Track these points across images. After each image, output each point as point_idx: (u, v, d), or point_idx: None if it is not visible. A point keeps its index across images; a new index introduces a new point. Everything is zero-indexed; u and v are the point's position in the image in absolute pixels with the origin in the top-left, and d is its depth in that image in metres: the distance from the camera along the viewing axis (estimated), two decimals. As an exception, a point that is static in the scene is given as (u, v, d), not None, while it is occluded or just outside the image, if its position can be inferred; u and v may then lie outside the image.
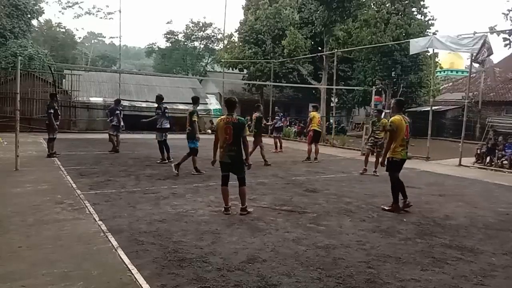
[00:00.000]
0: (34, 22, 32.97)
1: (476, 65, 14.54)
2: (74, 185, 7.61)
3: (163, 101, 11.32)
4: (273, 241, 4.79)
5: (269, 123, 16.60)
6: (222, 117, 6.09)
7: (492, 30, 10.62)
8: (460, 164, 13.14)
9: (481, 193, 8.74)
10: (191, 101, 9.93)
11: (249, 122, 13.12)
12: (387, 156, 6.54)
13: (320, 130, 13.10)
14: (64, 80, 23.82)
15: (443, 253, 4.62)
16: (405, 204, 6.56)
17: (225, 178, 6.12)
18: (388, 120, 7.47)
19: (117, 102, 13.67)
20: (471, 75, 18.86)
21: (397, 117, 6.50)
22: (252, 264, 4.07)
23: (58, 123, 11.81)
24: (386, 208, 6.56)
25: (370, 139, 10.94)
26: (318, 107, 14.59)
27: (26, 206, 6.03)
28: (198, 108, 9.78)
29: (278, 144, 15.07)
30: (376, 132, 10.57)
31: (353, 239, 4.99)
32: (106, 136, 16.62)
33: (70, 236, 4.77)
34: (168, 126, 11.36)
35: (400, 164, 6.59)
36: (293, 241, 4.83)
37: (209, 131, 22.11)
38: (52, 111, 11.72)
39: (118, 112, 13.10)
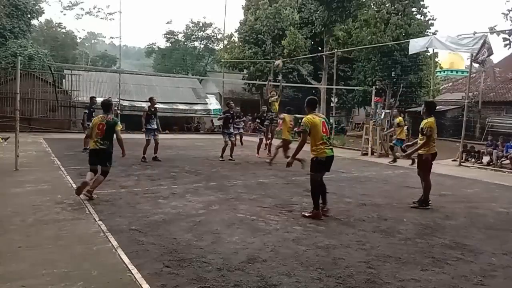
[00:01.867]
0: (34, 22, 32.98)
1: (476, 65, 14.53)
2: (74, 185, 7.60)
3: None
4: (273, 241, 4.79)
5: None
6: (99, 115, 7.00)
7: (492, 30, 10.62)
8: (460, 164, 13.15)
9: (481, 193, 8.74)
10: (191, 101, 10.02)
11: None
12: (311, 157, 6.02)
13: (289, 140, 11.07)
14: (64, 80, 23.83)
15: (443, 253, 4.62)
16: (322, 210, 6.08)
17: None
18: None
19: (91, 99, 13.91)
20: (471, 75, 18.85)
21: (308, 117, 6.10)
22: (252, 264, 4.07)
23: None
24: (307, 214, 5.99)
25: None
26: (291, 110, 12.88)
27: (26, 206, 6.03)
28: (198, 108, 9.86)
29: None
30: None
31: (353, 239, 4.99)
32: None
33: (70, 236, 4.77)
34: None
35: (325, 163, 6.03)
36: (293, 241, 4.83)
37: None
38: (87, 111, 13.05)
39: (87, 111, 13.29)
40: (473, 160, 13.71)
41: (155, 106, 11.44)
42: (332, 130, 19.96)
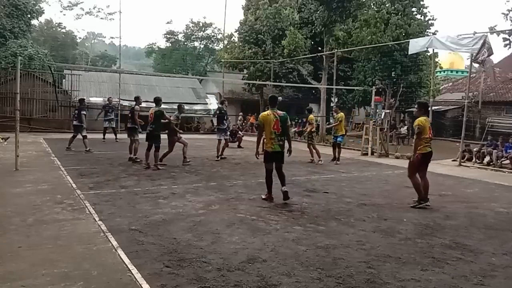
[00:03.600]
0: (34, 22, 33.01)
1: (476, 65, 14.51)
2: (74, 185, 7.61)
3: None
4: (273, 241, 4.79)
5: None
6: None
7: (492, 30, 10.64)
8: (460, 164, 13.15)
9: (481, 193, 8.74)
10: (191, 101, 10.35)
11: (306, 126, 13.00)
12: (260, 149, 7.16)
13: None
14: (64, 80, 23.83)
15: (443, 253, 4.62)
16: (269, 196, 6.97)
17: None
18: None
19: (81, 101, 13.99)
20: (471, 75, 18.86)
21: (263, 113, 7.04)
22: (252, 264, 4.07)
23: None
24: (263, 197, 7.03)
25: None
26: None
27: (26, 206, 6.03)
28: (198, 108, 10.19)
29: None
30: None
31: (353, 239, 4.99)
32: (106, 136, 16.69)
33: (70, 236, 4.77)
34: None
35: (272, 156, 6.87)
36: (293, 241, 4.83)
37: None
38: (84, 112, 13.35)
39: (84, 112, 13.40)
40: (473, 160, 13.71)
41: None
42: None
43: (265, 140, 6.94)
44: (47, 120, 21.22)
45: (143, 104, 12.69)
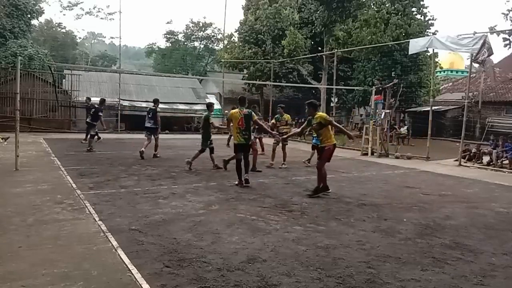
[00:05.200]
0: (34, 22, 32.98)
1: (476, 65, 14.52)
2: (74, 185, 7.61)
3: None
4: (273, 241, 4.79)
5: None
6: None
7: (492, 30, 10.62)
8: (460, 164, 13.15)
9: (481, 193, 8.74)
10: (190, 101, 10.60)
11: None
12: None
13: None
14: (64, 80, 23.85)
15: (443, 253, 4.62)
16: (240, 182, 8.16)
17: None
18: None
19: (102, 102, 14.27)
20: (471, 75, 18.86)
21: (232, 111, 8.56)
22: (252, 264, 4.07)
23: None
24: (235, 183, 8.21)
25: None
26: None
27: (26, 206, 6.03)
28: (198, 108, 10.37)
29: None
30: (280, 127, 11.45)
31: (353, 239, 4.99)
32: (106, 136, 16.69)
33: (70, 236, 4.77)
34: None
35: (239, 147, 8.19)
36: (293, 241, 4.83)
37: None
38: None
39: (101, 114, 13.78)
40: (473, 160, 13.72)
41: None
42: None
43: (233, 134, 8.43)
44: (47, 120, 21.23)
45: (143, 104, 12.91)
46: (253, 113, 8.40)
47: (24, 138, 14.33)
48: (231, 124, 8.45)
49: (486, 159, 13.55)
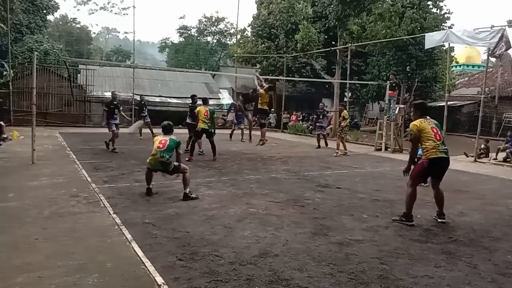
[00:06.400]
0: (50, 17, 33.34)
1: (493, 59, 14.25)
2: (89, 179, 7.71)
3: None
4: (285, 236, 4.80)
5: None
6: None
7: (510, 23, 10.41)
8: (475, 160, 12.96)
9: (496, 189, 8.61)
10: (203, 96, 10.77)
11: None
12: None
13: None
14: (79, 74, 24.10)
15: (457, 250, 4.57)
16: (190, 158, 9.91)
17: None
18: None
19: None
20: (488, 70, 18.52)
21: (199, 107, 10.65)
22: (264, 259, 4.09)
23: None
24: (186, 159, 9.60)
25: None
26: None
27: (42, 199, 6.14)
28: (211, 103, 10.59)
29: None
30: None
31: (366, 235, 4.97)
32: (121, 130, 16.79)
33: (85, 228, 4.84)
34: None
35: (202, 131, 10.54)
36: (305, 236, 4.84)
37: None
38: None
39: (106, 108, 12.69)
40: (481, 156, 13.45)
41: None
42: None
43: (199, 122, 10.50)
44: (63, 114, 21.52)
45: (157, 99, 13.01)
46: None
47: (40, 132, 14.54)
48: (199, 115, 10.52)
49: (502, 155, 13.31)
